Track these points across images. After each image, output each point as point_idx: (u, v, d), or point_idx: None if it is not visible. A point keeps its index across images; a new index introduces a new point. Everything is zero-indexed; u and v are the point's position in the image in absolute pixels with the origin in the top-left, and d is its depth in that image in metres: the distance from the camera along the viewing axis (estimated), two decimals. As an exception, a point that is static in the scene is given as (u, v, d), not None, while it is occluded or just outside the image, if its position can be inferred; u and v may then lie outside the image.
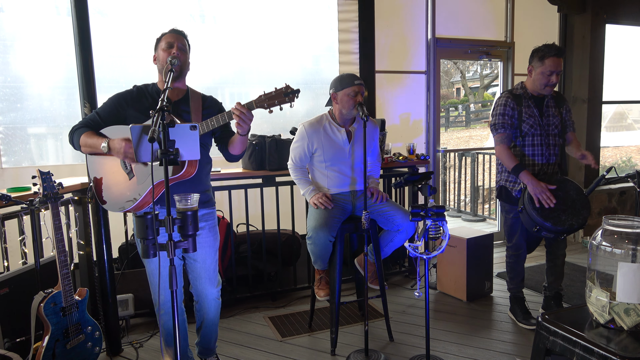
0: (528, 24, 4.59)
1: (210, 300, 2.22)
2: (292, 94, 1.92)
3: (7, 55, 3.15)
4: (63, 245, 2.09)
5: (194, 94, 2.14)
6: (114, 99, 2.10)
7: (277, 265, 3.39)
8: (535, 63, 2.70)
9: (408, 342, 2.74)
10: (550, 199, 2.54)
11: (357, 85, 2.51)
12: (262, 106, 1.93)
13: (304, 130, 2.62)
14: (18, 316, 2.15)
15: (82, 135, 2.02)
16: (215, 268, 2.20)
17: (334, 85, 2.59)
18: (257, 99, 1.93)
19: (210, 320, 2.27)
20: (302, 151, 2.65)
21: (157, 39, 2.09)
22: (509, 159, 2.72)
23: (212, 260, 2.17)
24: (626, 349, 1.47)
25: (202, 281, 2.17)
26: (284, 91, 1.92)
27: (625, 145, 8.61)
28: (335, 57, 3.95)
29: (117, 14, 3.39)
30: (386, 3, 3.99)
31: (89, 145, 2.01)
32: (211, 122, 1.95)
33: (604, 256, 1.62)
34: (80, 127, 2.06)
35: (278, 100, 1.92)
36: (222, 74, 3.76)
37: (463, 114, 17.90)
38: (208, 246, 2.15)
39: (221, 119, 1.95)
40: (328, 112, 2.69)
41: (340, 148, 2.63)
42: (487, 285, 3.40)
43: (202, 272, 2.16)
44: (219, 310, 2.29)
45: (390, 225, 2.61)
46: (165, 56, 2.00)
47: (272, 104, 1.93)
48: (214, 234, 2.18)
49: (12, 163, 3.19)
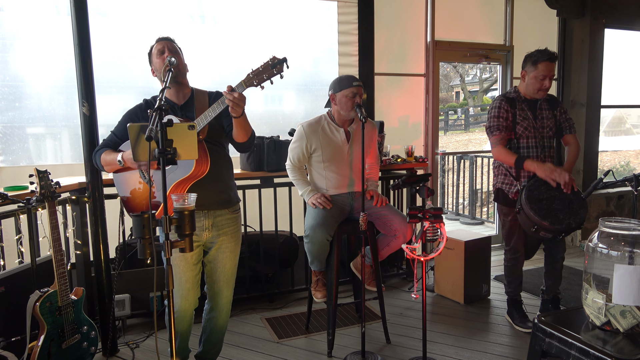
0: (527, 28, 4.61)
1: (224, 304, 2.21)
2: (279, 64, 1.84)
3: (7, 55, 3.15)
4: (60, 244, 2.09)
5: (200, 94, 2.12)
6: (126, 116, 2.11)
7: (274, 267, 3.39)
8: (528, 68, 2.72)
9: (405, 345, 2.73)
10: (563, 174, 2.57)
11: (356, 86, 2.51)
12: (252, 84, 1.86)
13: (303, 131, 2.62)
14: (14, 315, 2.14)
15: (102, 155, 2.05)
16: (234, 273, 2.20)
17: (333, 87, 2.59)
18: (245, 78, 1.87)
19: (219, 327, 2.26)
20: (300, 151, 2.65)
21: (148, 54, 2.10)
22: (508, 155, 2.73)
23: (231, 264, 2.17)
24: (622, 351, 1.47)
25: (219, 284, 2.17)
26: (270, 63, 1.84)
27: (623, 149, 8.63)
28: (335, 60, 3.95)
29: (117, 15, 3.39)
30: (386, 6, 4.00)
31: (108, 163, 2.04)
32: (209, 114, 1.91)
33: (601, 258, 1.62)
34: (100, 148, 2.09)
35: (266, 74, 1.85)
36: (222, 75, 3.76)
37: (462, 118, 17.93)
38: (230, 251, 2.14)
39: (217, 107, 1.90)
40: (327, 113, 2.70)
41: (339, 148, 2.63)
42: (484, 288, 3.40)
43: (221, 276, 2.16)
44: (228, 317, 2.28)
45: (387, 229, 2.61)
46: (161, 62, 2.01)
47: (261, 79, 1.86)
48: (235, 239, 2.16)
49: (9, 162, 3.18)
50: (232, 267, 2.17)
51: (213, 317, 2.24)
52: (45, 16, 3.20)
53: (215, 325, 2.25)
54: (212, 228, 2.06)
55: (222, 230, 2.08)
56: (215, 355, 2.35)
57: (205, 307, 2.26)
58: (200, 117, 1.93)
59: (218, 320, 2.24)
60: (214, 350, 2.33)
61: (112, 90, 3.37)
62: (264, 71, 1.85)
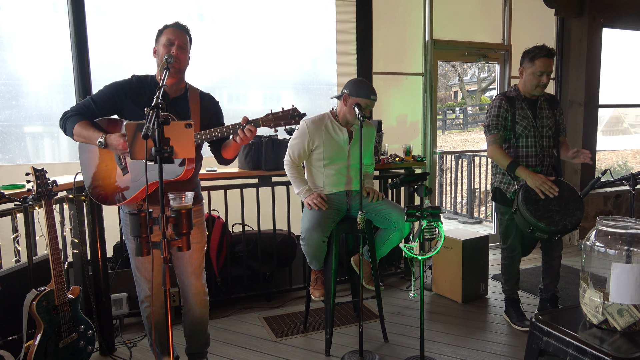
0: (525, 27, 4.61)
1: (195, 294, 2.20)
2: (298, 117, 1.97)
3: (4, 53, 3.13)
4: (56, 243, 2.08)
5: (192, 91, 2.13)
6: (112, 88, 2.05)
7: (272, 266, 3.39)
8: (526, 64, 2.72)
9: (403, 343, 2.74)
10: (553, 187, 2.55)
11: (372, 100, 2.52)
12: (268, 125, 1.95)
13: (306, 127, 2.60)
14: (10, 314, 2.13)
15: (76, 124, 1.97)
16: (201, 263, 2.20)
17: (350, 88, 2.54)
18: (264, 117, 1.96)
19: (197, 319, 2.24)
20: (301, 147, 2.62)
21: (159, 31, 2.03)
22: (503, 157, 2.72)
23: (198, 255, 2.18)
24: (619, 349, 1.47)
25: (187, 275, 2.17)
26: (290, 113, 1.96)
27: (621, 149, 8.65)
28: (333, 59, 3.95)
29: (115, 13, 3.38)
30: (384, 5, 4.00)
31: (83, 137, 1.97)
32: (215, 133, 1.97)
33: (598, 257, 1.62)
34: (74, 114, 1.99)
35: (284, 121, 1.96)
36: (220, 74, 3.76)
37: (460, 117, 17.94)
38: (196, 242, 2.15)
39: (225, 132, 1.96)
40: (330, 111, 2.69)
41: (340, 147, 2.63)
42: (482, 287, 3.40)
43: (189, 267, 2.16)
44: (206, 309, 2.26)
45: (386, 223, 2.61)
46: (165, 52, 1.97)
47: (278, 124, 1.96)
48: (202, 230, 2.19)
49: (6, 160, 3.18)
50: (199, 258, 2.18)
51: (189, 310, 2.24)
52: (43, 14, 3.19)
53: (192, 317, 2.24)
54: None
55: None
56: (202, 348, 2.33)
57: (182, 307, 2.27)
58: (204, 133, 1.97)
59: (194, 312, 2.23)
60: (199, 343, 2.31)
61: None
62: (283, 118, 1.96)
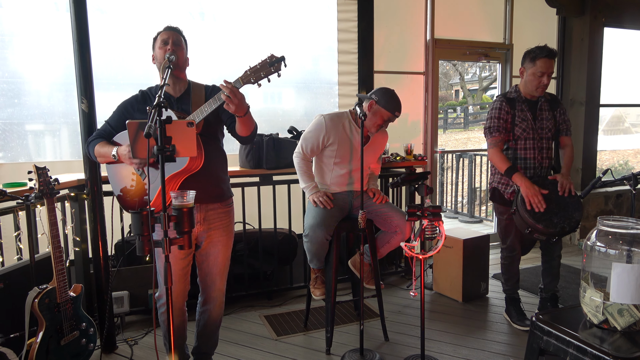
0: (527, 27, 4.60)
1: (217, 296, 2.21)
2: (277, 62, 1.83)
3: (5, 51, 3.14)
4: (58, 241, 2.09)
5: (196, 87, 2.12)
6: (121, 107, 2.10)
7: (273, 264, 3.39)
8: (527, 64, 2.71)
9: (403, 342, 2.74)
10: (541, 203, 2.54)
11: (394, 116, 2.53)
12: (249, 81, 1.86)
13: (324, 122, 2.57)
14: (12, 312, 2.14)
15: (95, 146, 2.04)
16: (226, 266, 2.20)
17: (379, 97, 2.52)
18: (242, 74, 1.87)
19: (214, 320, 2.25)
20: (316, 142, 2.59)
21: (153, 39, 2.08)
22: (502, 161, 2.72)
23: (224, 257, 2.17)
24: (619, 349, 1.47)
25: (212, 276, 2.16)
26: (268, 61, 1.84)
27: (622, 148, 8.63)
28: (335, 57, 3.95)
29: (116, 12, 3.38)
30: (385, 3, 4.00)
31: (102, 155, 2.03)
32: (205, 109, 1.91)
33: (599, 257, 1.63)
34: (94, 138, 2.08)
35: (264, 72, 1.84)
36: (221, 72, 3.75)
37: (461, 116, 17.92)
38: (222, 245, 2.13)
39: (213, 103, 1.90)
40: (350, 111, 2.67)
41: (353, 149, 2.62)
42: (482, 287, 3.41)
43: (214, 268, 2.15)
44: (223, 310, 2.27)
45: (387, 226, 2.61)
46: (162, 53, 1.99)
47: (258, 77, 1.85)
48: (228, 233, 2.16)
49: (8, 159, 3.18)
50: (224, 260, 2.17)
51: (207, 310, 2.23)
52: (44, 13, 3.20)
53: (209, 317, 2.24)
54: (203, 222, 2.06)
55: (213, 224, 2.08)
56: (211, 348, 2.34)
57: (198, 299, 2.26)
58: (196, 112, 1.92)
59: (212, 313, 2.23)
60: (209, 344, 2.32)
61: (111, 87, 3.37)
62: (262, 69, 1.84)
